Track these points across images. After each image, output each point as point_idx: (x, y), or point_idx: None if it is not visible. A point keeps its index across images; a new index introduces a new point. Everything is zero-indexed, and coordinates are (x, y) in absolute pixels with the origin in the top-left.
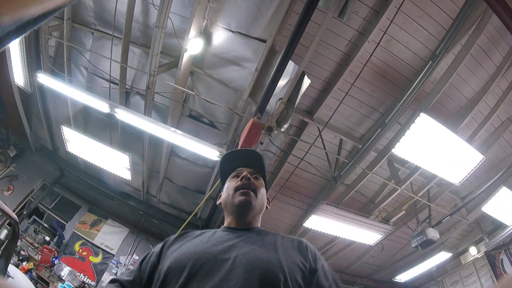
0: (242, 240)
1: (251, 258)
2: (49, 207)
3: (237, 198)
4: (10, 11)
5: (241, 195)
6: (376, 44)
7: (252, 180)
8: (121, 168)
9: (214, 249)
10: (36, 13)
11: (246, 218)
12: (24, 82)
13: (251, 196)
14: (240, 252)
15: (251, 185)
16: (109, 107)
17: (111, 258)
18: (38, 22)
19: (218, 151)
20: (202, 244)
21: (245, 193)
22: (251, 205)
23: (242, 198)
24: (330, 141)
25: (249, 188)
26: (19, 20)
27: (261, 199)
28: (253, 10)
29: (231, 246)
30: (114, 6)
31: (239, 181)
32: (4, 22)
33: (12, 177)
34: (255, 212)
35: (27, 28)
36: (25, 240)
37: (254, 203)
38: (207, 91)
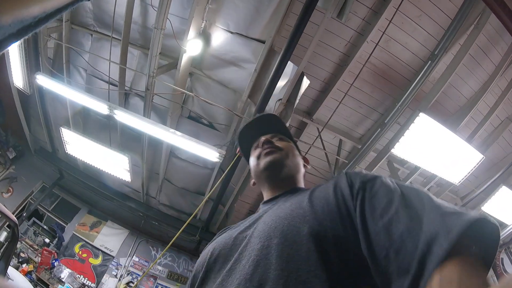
0: (273, 207)
1: (269, 222)
2: (49, 209)
3: (262, 161)
4: (10, 10)
5: (266, 155)
6: (375, 45)
7: (273, 141)
8: (121, 169)
9: (240, 229)
10: (36, 13)
11: (280, 181)
12: (23, 83)
13: (278, 154)
14: (263, 220)
15: (274, 145)
16: (108, 108)
17: (111, 260)
18: (39, 25)
19: (218, 152)
20: (231, 230)
21: (269, 152)
22: (281, 163)
23: (267, 158)
24: (329, 142)
25: (273, 148)
26: (20, 22)
27: (293, 156)
28: (251, 11)
29: (257, 219)
30: (113, 7)
31: (260, 148)
32: (3, 22)
33: (12, 179)
34: (289, 172)
35: (28, 31)
36: (24, 242)
37: (285, 161)
38: (206, 92)
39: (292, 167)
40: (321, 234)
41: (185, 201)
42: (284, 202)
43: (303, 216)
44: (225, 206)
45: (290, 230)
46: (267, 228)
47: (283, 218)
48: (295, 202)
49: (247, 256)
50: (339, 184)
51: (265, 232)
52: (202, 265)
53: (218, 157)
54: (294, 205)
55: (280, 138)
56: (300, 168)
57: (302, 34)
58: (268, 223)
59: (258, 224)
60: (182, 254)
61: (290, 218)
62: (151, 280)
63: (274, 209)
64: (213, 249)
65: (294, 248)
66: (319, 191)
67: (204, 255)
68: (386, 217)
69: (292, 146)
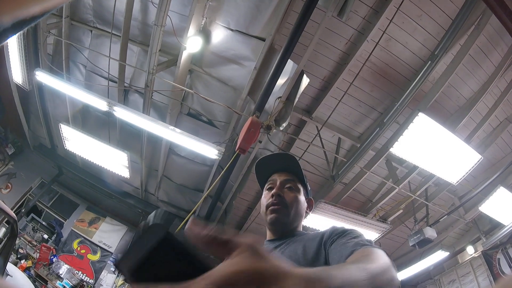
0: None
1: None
2: (47, 205)
3: (268, 216)
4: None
5: (271, 212)
6: (375, 44)
7: (283, 195)
8: (120, 166)
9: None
10: (34, 12)
11: (282, 232)
12: (22, 80)
13: (282, 212)
14: None
15: (282, 201)
16: (108, 105)
17: (109, 256)
18: (35, 20)
19: (217, 149)
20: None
21: (275, 210)
22: (282, 222)
23: (272, 216)
24: (328, 140)
25: (280, 205)
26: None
27: (295, 211)
28: (252, 8)
29: None
30: (113, 4)
31: (270, 198)
32: (3, 22)
33: (10, 175)
34: (289, 226)
35: (24, 26)
36: (23, 238)
37: (286, 220)
38: (206, 89)
39: (293, 222)
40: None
41: (184, 198)
42: (285, 246)
43: (298, 262)
44: (224, 203)
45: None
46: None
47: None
48: (293, 249)
49: None
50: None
51: None
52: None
53: (217, 154)
54: (291, 252)
55: (290, 187)
56: (301, 218)
57: (303, 33)
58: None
59: None
60: None
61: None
62: None
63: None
64: None
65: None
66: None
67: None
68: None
69: (299, 197)
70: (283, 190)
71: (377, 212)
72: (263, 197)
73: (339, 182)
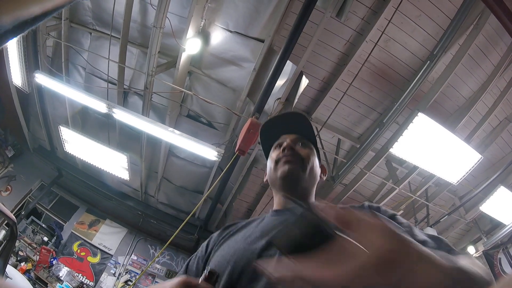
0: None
1: None
2: (47, 207)
3: (279, 169)
4: (10, 11)
5: (284, 164)
6: (374, 44)
7: (296, 148)
8: (119, 168)
9: (258, 243)
10: (35, 13)
11: (295, 192)
12: (22, 82)
13: (297, 164)
14: None
15: (295, 153)
16: (107, 107)
17: (109, 259)
18: (37, 22)
19: (216, 151)
20: (244, 239)
21: (288, 161)
22: (297, 176)
23: (285, 167)
24: (328, 141)
25: (294, 157)
26: (16, 18)
27: (311, 168)
28: (251, 10)
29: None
30: (112, 6)
31: (281, 152)
32: (3, 22)
33: (10, 177)
34: (305, 185)
35: (25, 28)
36: (23, 241)
37: (301, 175)
38: (205, 91)
39: (309, 181)
40: None
41: (184, 200)
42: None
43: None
44: (224, 205)
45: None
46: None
47: None
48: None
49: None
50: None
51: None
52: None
53: (217, 156)
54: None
55: (303, 143)
56: (316, 181)
57: (301, 34)
58: None
59: None
60: (180, 253)
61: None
62: (150, 279)
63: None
64: (232, 266)
65: None
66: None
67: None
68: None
69: (313, 156)
70: (295, 146)
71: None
72: (271, 157)
73: (339, 183)
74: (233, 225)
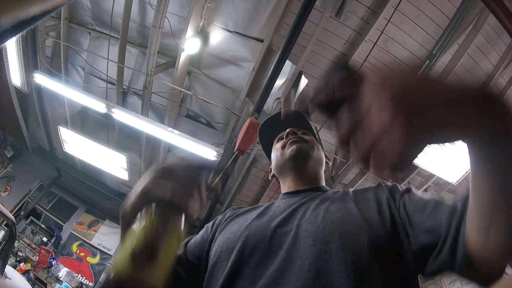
0: (305, 203)
1: (318, 223)
2: (47, 208)
3: (287, 150)
4: (9, 11)
5: (291, 144)
6: (374, 44)
7: (299, 133)
8: (119, 168)
9: (271, 221)
10: (34, 12)
11: (305, 173)
12: (21, 82)
13: (304, 143)
14: (303, 218)
15: (301, 136)
16: (106, 107)
17: (109, 259)
18: (35, 21)
19: (216, 151)
20: (255, 219)
21: (295, 141)
22: (307, 153)
23: (293, 146)
24: (327, 141)
25: (299, 138)
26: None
27: (318, 150)
28: (250, 9)
29: (292, 213)
30: (111, 6)
31: (285, 138)
32: (2, 22)
33: (9, 178)
34: (314, 163)
35: (23, 27)
36: (22, 241)
37: (311, 153)
38: (204, 91)
39: (317, 161)
40: (379, 246)
41: None
42: (320, 202)
43: (359, 225)
44: (223, 205)
45: (349, 238)
46: (320, 231)
47: (336, 223)
48: (341, 207)
49: (301, 258)
50: (383, 195)
51: (318, 235)
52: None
53: (216, 156)
54: (342, 210)
55: (304, 132)
56: (323, 164)
57: (301, 33)
58: (319, 225)
59: (300, 222)
60: None
61: (345, 224)
62: None
63: (314, 208)
64: (243, 242)
65: (356, 258)
66: (361, 198)
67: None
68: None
69: (316, 141)
70: (298, 132)
71: None
72: (274, 148)
73: (338, 183)
74: (240, 208)
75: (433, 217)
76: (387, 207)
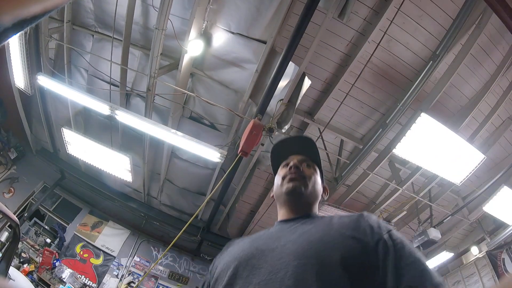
0: (294, 228)
1: (300, 242)
2: (50, 209)
3: (285, 185)
4: (11, 10)
5: (289, 181)
6: (377, 45)
7: (302, 168)
8: (122, 170)
9: (263, 244)
10: (35, 11)
11: (298, 206)
12: (24, 84)
13: (300, 182)
14: (289, 238)
15: (300, 173)
16: (110, 109)
17: (112, 260)
18: (36, 20)
19: (219, 152)
20: (251, 242)
21: (293, 178)
22: (300, 192)
23: (290, 184)
24: (331, 142)
25: (298, 176)
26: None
27: (313, 187)
28: (252, 11)
29: (281, 236)
30: (114, 8)
31: (288, 170)
32: (3, 21)
33: (13, 179)
34: (307, 200)
35: (24, 26)
36: (26, 242)
37: (304, 191)
38: (207, 92)
39: (311, 197)
40: (349, 262)
41: (186, 202)
42: (306, 226)
43: (333, 243)
44: (227, 207)
45: (324, 254)
46: (301, 249)
47: (315, 243)
48: (322, 230)
49: (284, 269)
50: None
51: (298, 252)
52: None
53: (219, 157)
54: (322, 232)
55: (308, 164)
56: (318, 197)
57: (304, 35)
58: (299, 243)
59: (285, 242)
60: (183, 255)
61: (322, 243)
62: (152, 280)
63: (299, 232)
64: (238, 261)
65: (328, 271)
66: (341, 224)
67: (227, 262)
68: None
69: (316, 176)
70: (301, 165)
71: (381, 214)
72: (278, 174)
73: (342, 184)
74: (236, 240)
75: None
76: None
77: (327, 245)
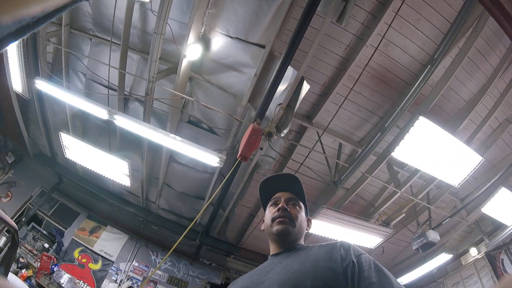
0: (280, 261)
1: (283, 274)
2: (48, 214)
3: (274, 227)
4: (10, 10)
5: (278, 224)
6: (374, 49)
7: (289, 210)
8: (120, 174)
9: (256, 277)
10: (35, 13)
11: (286, 244)
12: (22, 88)
13: (288, 224)
14: (276, 271)
15: (288, 214)
16: (108, 113)
17: (110, 265)
18: (38, 25)
19: (218, 157)
20: (249, 277)
21: (282, 221)
22: (289, 233)
23: (279, 226)
24: (329, 146)
25: (286, 217)
26: (18, 21)
27: (299, 225)
28: (251, 16)
29: (270, 269)
30: (112, 12)
31: (276, 212)
32: (3, 21)
33: (10, 183)
34: (294, 238)
35: (26, 31)
36: (24, 247)
37: (292, 230)
38: (206, 97)
39: (297, 234)
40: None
41: (185, 206)
42: (290, 259)
43: (307, 273)
44: (226, 211)
45: (299, 284)
46: (282, 279)
47: (293, 274)
48: (300, 262)
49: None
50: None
51: (281, 282)
52: None
53: (218, 161)
54: (300, 264)
55: (294, 203)
56: (303, 232)
57: (302, 39)
58: (282, 275)
59: (273, 274)
60: (182, 259)
61: (298, 273)
62: (151, 285)
63: (283, 264)
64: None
65: None
66: (316, 255)
67: None
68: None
69: (302, 214)
70: (288, 206)
71: (380, 217)
72: (268, 212)
73: (340, 187)
74: (236, 280)
75: None
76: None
77: (301, 276)
